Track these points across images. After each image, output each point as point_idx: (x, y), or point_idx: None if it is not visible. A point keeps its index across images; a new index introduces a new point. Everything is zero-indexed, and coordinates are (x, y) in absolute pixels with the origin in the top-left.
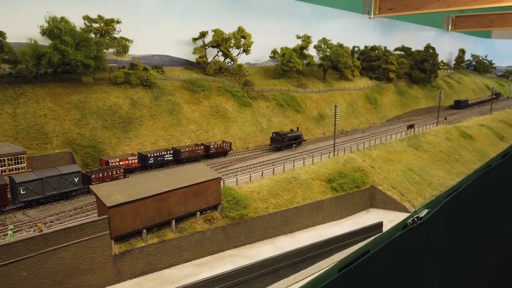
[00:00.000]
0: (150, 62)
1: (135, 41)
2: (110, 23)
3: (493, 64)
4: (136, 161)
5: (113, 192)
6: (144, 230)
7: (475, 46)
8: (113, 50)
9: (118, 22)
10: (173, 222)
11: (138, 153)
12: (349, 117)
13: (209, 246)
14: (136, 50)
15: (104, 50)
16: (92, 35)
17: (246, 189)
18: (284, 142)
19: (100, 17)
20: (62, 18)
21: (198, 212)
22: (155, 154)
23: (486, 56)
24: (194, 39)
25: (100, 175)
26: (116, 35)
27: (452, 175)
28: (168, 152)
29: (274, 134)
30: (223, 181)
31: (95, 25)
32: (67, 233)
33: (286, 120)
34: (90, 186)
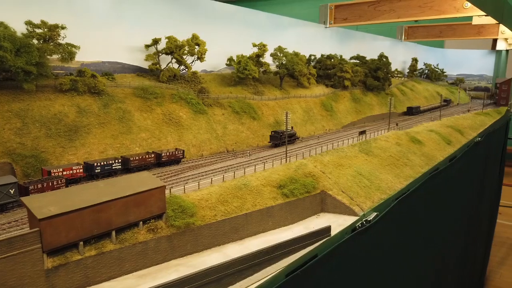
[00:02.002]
0: (100, 69)
1: (84, 47)
2: (54, 29)
3: (445, 72)
4: (81, 170)
5: (46, 204)
6: (81, 242)
7: (428, 55)
8: (58, 57)
9: (63, 27)
10: (113, 233)
11: (84, 162)
12: (306, 123)
13: (152, 256)
14: (85, 57)
15: (48, 57)
16: (35, 41)
17: (194, 197)
18: (282, 139)
19: (43, 22)
20: (1, 23)
21: (141, 222)
22: (102, 163)
23: (437, 65)
24: (147, 46)
25: (39, 186)
26: (61, 41)
27: (401, 178)
28: (117, 161)
29: (273, 133)
30: (170, 189)
31: (38, 30)
32: None
33: (242, 127)
34: (21, 197)
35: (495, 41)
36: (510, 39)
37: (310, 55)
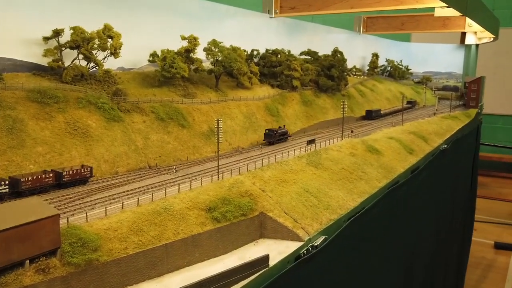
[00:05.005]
0: None
1: None
2: None
3: (410, 69)
4: None
5: None
6: None
7: (391, 50)
8: None
9: None
10: None
11: None
12: (247, 131)
13: None
14: None
15: None
16: None
17: (99, 226)
18: (275, 137)
19: None
20: None
21: (27, 261)
22: None
23: (401, 61)
24: (46, 39)
25: None
26: None
27: (354, 195)
28: (3, 182)
29: (267, 131)
30: (67, 218)
31: None
32: None
33: (168, 137)
34: None
35: (464, 34)
36: (480, 33)
37: (253, 50)
